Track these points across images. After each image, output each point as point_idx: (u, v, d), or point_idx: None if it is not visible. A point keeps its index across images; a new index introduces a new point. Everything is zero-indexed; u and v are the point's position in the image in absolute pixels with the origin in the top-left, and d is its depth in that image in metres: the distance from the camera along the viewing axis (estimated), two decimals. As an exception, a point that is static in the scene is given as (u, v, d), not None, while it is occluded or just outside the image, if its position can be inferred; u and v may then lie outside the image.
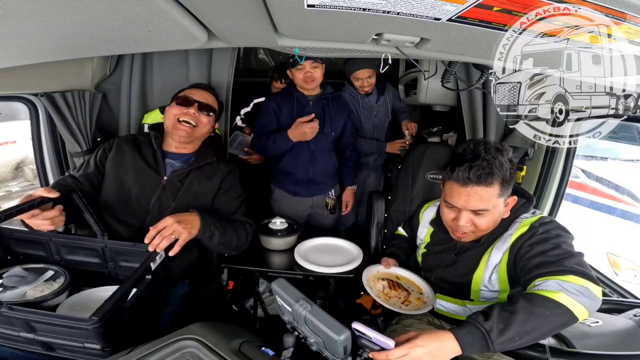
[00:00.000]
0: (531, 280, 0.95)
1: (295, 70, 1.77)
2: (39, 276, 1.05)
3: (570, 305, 0.85)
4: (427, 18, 0.72)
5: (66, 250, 1.13)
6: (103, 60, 1.72)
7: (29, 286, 1.02)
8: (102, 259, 1.12)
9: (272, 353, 0.84)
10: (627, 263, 2.32)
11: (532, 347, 0.87)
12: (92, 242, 1.11)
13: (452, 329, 0.86)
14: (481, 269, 1.14)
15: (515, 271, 1.06)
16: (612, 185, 3.06)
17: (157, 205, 1.32)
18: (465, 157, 1.05)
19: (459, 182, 1.05)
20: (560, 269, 0.92)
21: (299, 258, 1.53)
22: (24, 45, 0.88)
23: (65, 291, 1.03)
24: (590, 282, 0.89)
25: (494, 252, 1.12)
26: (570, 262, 0.93)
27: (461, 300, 1.23)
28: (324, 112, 1.88)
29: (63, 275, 1.07)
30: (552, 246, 0.99)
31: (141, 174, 1.33)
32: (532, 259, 0.99)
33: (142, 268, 0.99)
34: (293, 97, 1.85)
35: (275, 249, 1.67)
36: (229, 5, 0.75)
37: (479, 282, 1.15)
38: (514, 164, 1.08)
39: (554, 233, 1.02)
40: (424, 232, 1.39)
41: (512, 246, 1.07)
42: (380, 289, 1.30)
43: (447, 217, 1.15)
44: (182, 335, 0.82)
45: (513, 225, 1.12)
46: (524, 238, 1.05)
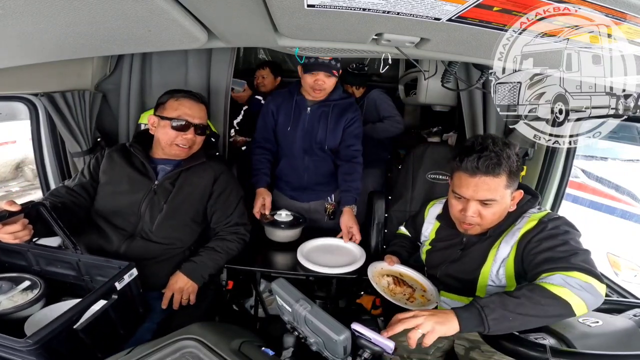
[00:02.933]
0: (537, 275, 0.96)
1: (307, 74, 1.62)
2: (15, 286, 1.04)
3: (570, 298, 0.87)
4: (427, 18, 0.72)
5: (44, 261, 1.12)
6: (103, 60, 1.72)
7: (4, 296, 1.01)
8: (77, 272, 1.12)
9: (272, 353, 0.84)
10: (627, 263, 2.32)
11: (533, 347, 0.87)
12: (66, 255, 1.10)
13: (453, 308, 0.90)
14: (489, 263, 1.14)
15: (522, 265, 1.07)
16: (612, 185, 3.06)
17: (149, 210, 1.32)
18: (474, 149, 1.07)
19: (467, 172, 1.07)
20: (567, 265, 0.93)
21: (302, 259, 1.52)
22: (24, 45, 0.88)
23: (40, 302, 1.02)
24: (595, 279, 0.90)
25: (502, 245, 1.12)
26: (577, 259, 0.94)
27: (467, 297, 1.23)
28: (320, 120, 1.73)
29: (39, 286, 1.05)
30: (560, 242, 1.00)
31: (133, 182, 1.33)
32: (539, 254, 1.00)
33: (102, 288, 0.97)
34: (292, 99, 1.74)
35: (278, 241, 1.68)
36: (229, 5, 0.75)
37: (487, 277, 1.15)
38: (521, 157, 1.10)
39: (563, 229, 1.03)
40: (429, 228, 1.39)
41: (520, 240, 1.08)
42: (385, 285, 1.32)
43: (455, 208, 1.16)
44: (182, 335, 0.82)
45: (521, 220, 1.12)
46: (533, 233, 1.06)
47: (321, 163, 1.81)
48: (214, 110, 1.83)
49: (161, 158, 1.39)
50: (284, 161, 1.84)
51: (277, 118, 1.77)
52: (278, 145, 1.83)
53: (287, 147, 1.79)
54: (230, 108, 1.87)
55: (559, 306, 0.87)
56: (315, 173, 1.83)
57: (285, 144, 1.79)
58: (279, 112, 1.77)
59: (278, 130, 1.79)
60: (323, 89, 1.64)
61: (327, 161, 1.82)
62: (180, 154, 1.36)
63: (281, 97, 1.79)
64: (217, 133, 1.83)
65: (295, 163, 1.81)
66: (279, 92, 1.84)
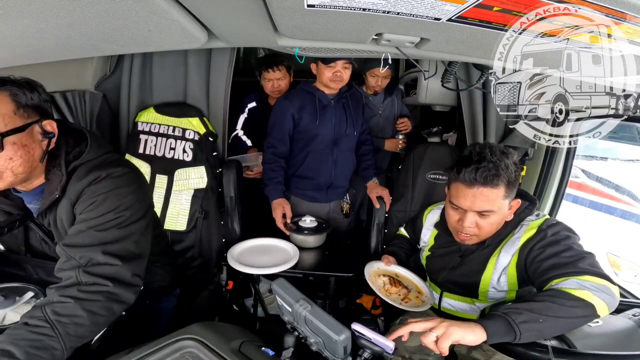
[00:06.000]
0: (548, 282, 0.95)
1: (324, 67, 1.66)
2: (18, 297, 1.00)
3: (591, 300, 0.86)
4: (427, 18, 0.72)
5: (43, 271, 1.07)
6: (103, 60, 1.72)
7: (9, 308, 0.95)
8: None
9: (272, 353, 0.84)
10: (627, 263, 2.32)
11: (534, 348, 0.87)
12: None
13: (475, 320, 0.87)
14: (489, 271, 1.14)
15: (526, 273, 1.06)
16: (612, 185, 3.05)
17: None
18: (471, 159, 1.06)
19: (465, 183, 1.06)
20: (576, 270, 0.93)
21: (232, 261, 1.50)
22: (24, 45, 0.88)
23: None
24: (608, 282, 0.90)
25: (502, 254, 1.12)
26: (584, 263, 0.94)
27: (470, 298, 1.24)
28: (345, 112, 1.81)
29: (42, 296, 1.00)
30: (564, 248, 0.99)
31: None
32: (544, 261, 1.00)
33: None
34: (313, 96, 1.75)
35: (306, 247, 1.69)
36: (229, 6, 0.75)
37: (488, 284, 1.15)
38: (519, 166, 1.09)
39: (563, 234, 1.03)
40: (428, 234, 1.39)
41: (522, 249, 1.08)
42: (381, 284, 1.33)
43: (452, 218, 1.15)
44: (182, 335, 0.82)
45: (520, 228, 1.12)
46: (534, 241, 1.05)
47: (349, 155, 1.90)
48: (214, 110, 1.83)
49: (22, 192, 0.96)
50: (309, 160, 1.82)
51: (299, 119, 1.76)
52: (301, 143, 1.81)
53: (315, 144, 1.80)
54: (230, 106, 1.87)
55: (584, 307, 0.85)
56: (342, 168, 1.88)
57: (312, 141, 1.79)
58: (301, 113, 1.75)
59: (302, 129, 1.78)
60: (342, 79, 1.69)
61: (352, 155, 1.92)
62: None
63: (298, 98, 1.77)
64: (216, 133, 1.83)
65: (324, 160, 1.82)
66: (293, 94, 1.82)
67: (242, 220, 1.84)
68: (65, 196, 0.90)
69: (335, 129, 1.80)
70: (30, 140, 0.84)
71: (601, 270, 0.93)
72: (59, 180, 0.89)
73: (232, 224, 1.81)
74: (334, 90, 1.77)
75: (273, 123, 1.79)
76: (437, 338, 0.83)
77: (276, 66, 2.04)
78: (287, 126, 1.76)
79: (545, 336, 0.86)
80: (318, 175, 1.85)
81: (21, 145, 0.81)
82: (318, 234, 1.70)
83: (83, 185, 0.89)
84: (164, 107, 1.77)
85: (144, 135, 1.74)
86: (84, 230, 0.87)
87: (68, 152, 0.92)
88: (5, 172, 0.81)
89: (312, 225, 1.71)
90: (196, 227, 1.74)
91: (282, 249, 1.64)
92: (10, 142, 0.79)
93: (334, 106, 1.78)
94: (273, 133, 1.78)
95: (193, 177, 1.74)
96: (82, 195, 0.89)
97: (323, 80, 1.71)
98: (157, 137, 1.74)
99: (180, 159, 1.73)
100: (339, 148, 1.83)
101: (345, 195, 1.98)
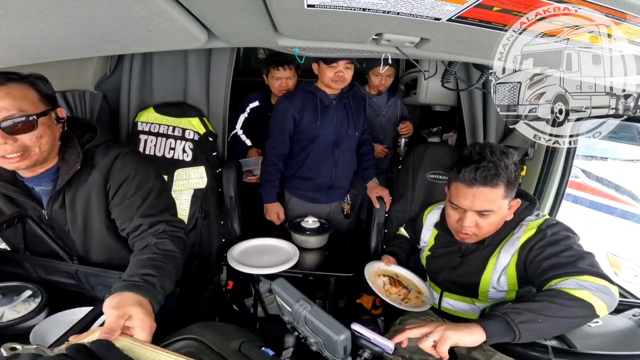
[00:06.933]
0: (547, 282, 0.96)
1: (326, 67, 1.65)
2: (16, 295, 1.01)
3: (591, 300, 0.86)
4: (427, 18, 0.72)
5: (42, 270, 1.09)
6: (103, 60, 1.72)
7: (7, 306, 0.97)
8: (77, 281, 1.10)
9: (272, 353, 0.84)
10: (627, 263, 2.32)
11: (534, 348, 0.87)
12: (64, 265, 1.08)
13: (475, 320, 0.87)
14: (489, 271, 1.14)
15: (526, 273, 1.06)
16: (612, 185, 3.05)
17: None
18: (471, 159, 1.06)
19: (465, 182, 1.07)
20: (576, 270, 0.93)
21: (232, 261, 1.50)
22: (24, 45, 0.88)
23: (43, 311, 0.99)
24: (607, 282, 0.90)
25: (501, 254, 1.12)
26: (584, 263, 0.94)
27: (470, 298, 1.24)
28: (347, 112, 1.80)
29: (40, 295, 1.02)
30: (563, 248, 1.00)
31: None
32: (544, 261, 1.00)
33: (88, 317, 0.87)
34: (315, 96, 1.75)
35: (308, 247, 1.69)
36: (229, 5, 0.75)
37: (487, 284, 1.15)
38: (519, 166, 1.09)
39: (563, 234, 1.04)
40: (428, 234, 1.39)
41: (521, 249, 1.08)
42: (381, 284, 1.33)
43: (452, 218, 1.16)
44: (182, 335, 0.82)
45: (520, 228, 1.12)
46: (533, 241, 1.06)
47: (349, 156, 1.89)
48: (214, 110, 1.83)
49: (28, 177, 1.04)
50: (309, 161, 1.82)
51: (300, 119, 1.76)
52: (301, 143, 1.81)
53: (316, 144, 1.79)
54: (231, 105, 1.87)
55: (583, 307, 0.86)
56: (343, 168, 1.87)
57: (313, 142, 1.79)
58: (302, 113, 1.75)
59: (303, 130, 1.78)
60: (344, 80, 1.68)
61: (353, 155, 1.92)
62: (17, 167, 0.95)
63: (300, 98, 1.77)
64: (215, 133, 1.83)
65: (324, 158, 1.82)
66: (294, 94, 1.82)
67: (242, 220, 1.84)
68: (97, 169, 1.05)
69: (337, 130, 1.79)
70: (52, 122, 0.98)
71: (601, 271, 0.93)
72: (76, 155, 1.02)
73: (232, 224, 1.81)
74: (336, 91, 1.76)
75: (274, 123, 1.79)
76: (435, 343, 0.83)
77: (287, 64, 2.03)
78: (288, 126, 1.76)
79: (545, 336, 0.86)
80: (319, 176, 1.84)
81: (47, 125, 0.95)
82: (320, 234, 1.70)
83: (111, 159, 1.06)
84: (164, 107, 1.77)
85: (144, 135, 1.74)
86: (138, 202, 1.04)
87: (80, 137, 1.06)
88: (34, 148, 0.93)
89: (314, 226, 1.71)
90: (196, 227, 1.74)
91: (282, 249, 1.64)
92: (41, 123, 0.93)
93: (336, 106, 1.78)
94: (274, 134, 1.79)
95: (193, 177, 1.74)
96: (112, 168, 1.05)
97: (325, 81, 1.71)
98: (157, 137, 1.73)
99: (180, 159, 1.73)
100: (340, 148, 1.83)
101: (346, 196, 1.98)
